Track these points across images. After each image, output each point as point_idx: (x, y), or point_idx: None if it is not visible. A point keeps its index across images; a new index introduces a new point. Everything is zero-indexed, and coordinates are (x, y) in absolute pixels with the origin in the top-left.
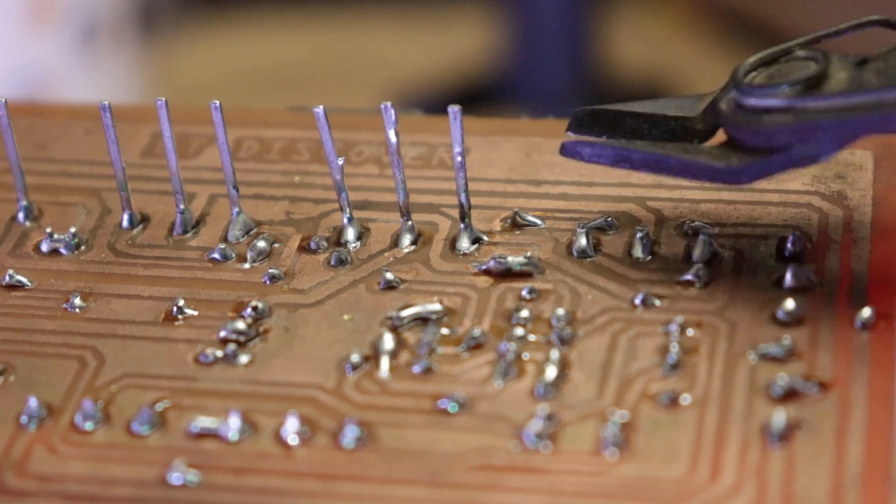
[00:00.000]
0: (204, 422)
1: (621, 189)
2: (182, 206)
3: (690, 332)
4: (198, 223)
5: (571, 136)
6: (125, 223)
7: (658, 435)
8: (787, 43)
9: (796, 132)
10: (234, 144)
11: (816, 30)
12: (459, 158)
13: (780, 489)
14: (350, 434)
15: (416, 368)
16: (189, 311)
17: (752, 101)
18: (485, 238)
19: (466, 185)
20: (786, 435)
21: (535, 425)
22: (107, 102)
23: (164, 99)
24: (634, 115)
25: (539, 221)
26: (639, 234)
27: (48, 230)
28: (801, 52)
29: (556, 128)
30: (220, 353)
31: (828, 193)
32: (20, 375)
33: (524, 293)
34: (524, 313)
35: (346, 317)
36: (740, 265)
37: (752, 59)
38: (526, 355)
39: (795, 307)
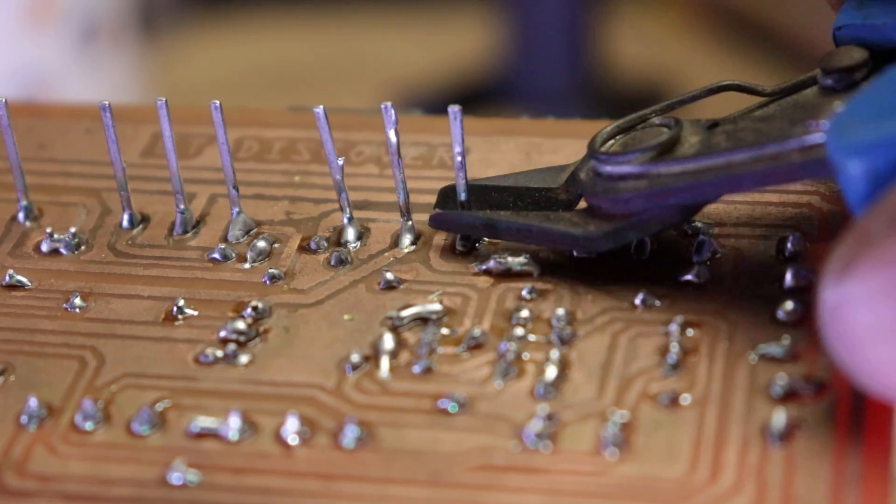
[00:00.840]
0: (204, 422)
1: None
2: (182, 206)
3: (690, 332)
4: (198, 223)
5: (439, 212)
6: (125, 223)
7: (658, 435)
8: (642, 111)
9: (651, 197)
10: (234, 144)
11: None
12: (459, 158)
13: (780, 489)
14: (350, 434)
15: (416, 368)
16: (189, 311)
17: (607, 169)
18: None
19: (467, 184)
20: (786, 435)
21: (535, 425)
22: (107, 102)
23: (164, 99)
24: (499, 189)
25: None
26: None
27: (48, 230)
28: (655, 119)
29: (556, 128)
30: (220, 353)
31: (828, 193)
32: (20, 375)
33: (524, 293)
34: (524, 313)
35: (346, 317)
36: (740, 265)
37: (608, 129)
38: (526, 355)
39: (795, 307)
